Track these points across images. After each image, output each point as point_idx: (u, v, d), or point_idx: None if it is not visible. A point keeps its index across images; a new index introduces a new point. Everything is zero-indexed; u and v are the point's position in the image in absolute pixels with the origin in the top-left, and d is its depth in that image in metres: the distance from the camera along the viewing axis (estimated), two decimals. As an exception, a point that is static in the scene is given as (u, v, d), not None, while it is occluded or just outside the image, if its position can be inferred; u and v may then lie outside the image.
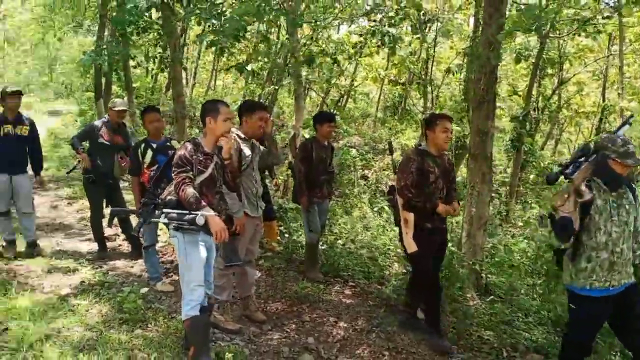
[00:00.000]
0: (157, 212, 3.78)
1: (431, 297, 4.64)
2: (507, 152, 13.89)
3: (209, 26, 7.32)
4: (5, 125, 6.07)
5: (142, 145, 5.44)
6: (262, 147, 4.80)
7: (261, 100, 11.54)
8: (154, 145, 5.46)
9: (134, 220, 6.40)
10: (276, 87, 12.21)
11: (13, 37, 35.75)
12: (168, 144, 5.60)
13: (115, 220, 6.73)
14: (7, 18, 32.68)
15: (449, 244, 5.35)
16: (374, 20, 9.44)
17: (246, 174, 4.59)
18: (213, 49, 8.59)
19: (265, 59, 11.18)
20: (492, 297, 5.69)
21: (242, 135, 4.62)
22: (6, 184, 6.09)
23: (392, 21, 8.95)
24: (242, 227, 4.44)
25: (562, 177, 3.64)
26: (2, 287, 5.00)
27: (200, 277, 3.74)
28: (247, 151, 4.59)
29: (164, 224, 3.87)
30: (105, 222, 6.56)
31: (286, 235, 7.16)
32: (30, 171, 6.35)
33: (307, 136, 9.87)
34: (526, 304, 5.58)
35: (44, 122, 16.13)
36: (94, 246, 6.72)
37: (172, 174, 3.75)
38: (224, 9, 7.33)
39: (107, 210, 6.67)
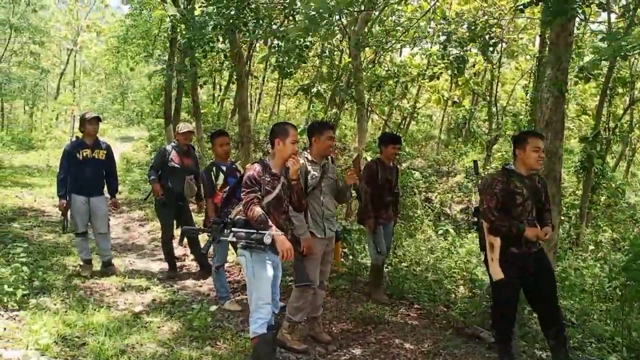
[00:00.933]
0: (226, 231, 3.89)
1: (507, 327, 4.43)
2: (576, 174, 13.47)
3: (274, 47, 7.53)
4: (84, 150, 6.37)
5: (214, 169, 5.64)
6: (332, 166, 4.88)
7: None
8: (224, 168, 5.65)
9: (202, 242, 6.61)
10: (339, 111, 12.35)
11: (89, 67, 37.78)
12: (234, 166, 5.78)
13: (185, 241, 6.99)
14: (84, 49, 34.56)
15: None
16: (440, 43, 9.46)
17: (312, 195, 4.67)
18: (276, 75, 8.85)
19: (328, 83, 11.39)
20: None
21: (310, 158, 4.72)
22: (85, 205, 6.37)
23: (461, 42, 8.93)
24: (308, 249, 4.50)
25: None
26: (80, 304, 5.22)
27: (267, 295, 3.81)
28: (313, 173, 4.69)
29: (232, 243, 3.98)
30: (175, 242, 6.79)
31: (350, 256, 7.18)
32: (106, 194, 6.65)
33: (369, 159, 9.93)
34: (599, 330, 5.36)
35: (117, 148, 16.84)
36: (165, 266, 6.95)
37: (241, 194, 3.86)
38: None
39: (177, 232, 6.91)
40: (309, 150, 4.78)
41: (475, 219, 4.68)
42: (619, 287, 5.51)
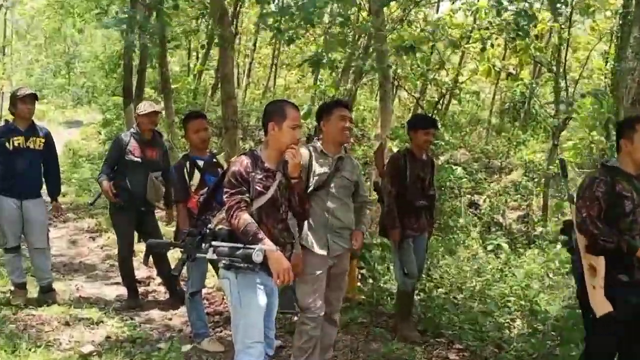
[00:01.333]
0: (204, 245, 3.87)
1: None
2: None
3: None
4: (15, 137, 6.34)
5: (187, 164, 5.64)
6: (353, 162, 4.90)
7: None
8: (201, 162, 5.65)
9: (172, 260, 6.61)
10: (355, 86, 12.34)
11: (24, 28, 37.79)
12: (215, 160, 5.78)
13: (150, 259, 7.00)
14: (17, 4, 34.50)
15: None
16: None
17: (314, 198, 4.67)
18: (271, 38, 8.83)
19: (340, 50, 11.35)
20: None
21: (320, 148, 4.74)
22: (17, 211, 6.36)
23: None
24: (296, 267, 4.47)
25: None
26: (10, 342, 5.23)
27: (258, 331, 3.80)
28: (319, 168, 4.69)
29: (212, 261, 3.98)
30: (137, 261, 6.80)
31: (370, 280, 7.18)
32: (45, 196, 6.67)
33: (395, 149, 9.92)
34: None
35: (60, 136, 16.92)
36: (123, 292, 6.96)
37: (224, 197, 3.86)
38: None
39: (139, 247, 6.92)
40: (318, 138, 4.79)
41: (566, 237, 4.55)
42: None
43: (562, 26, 14.32)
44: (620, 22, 11.71)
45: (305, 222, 4.57)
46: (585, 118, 12.66)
